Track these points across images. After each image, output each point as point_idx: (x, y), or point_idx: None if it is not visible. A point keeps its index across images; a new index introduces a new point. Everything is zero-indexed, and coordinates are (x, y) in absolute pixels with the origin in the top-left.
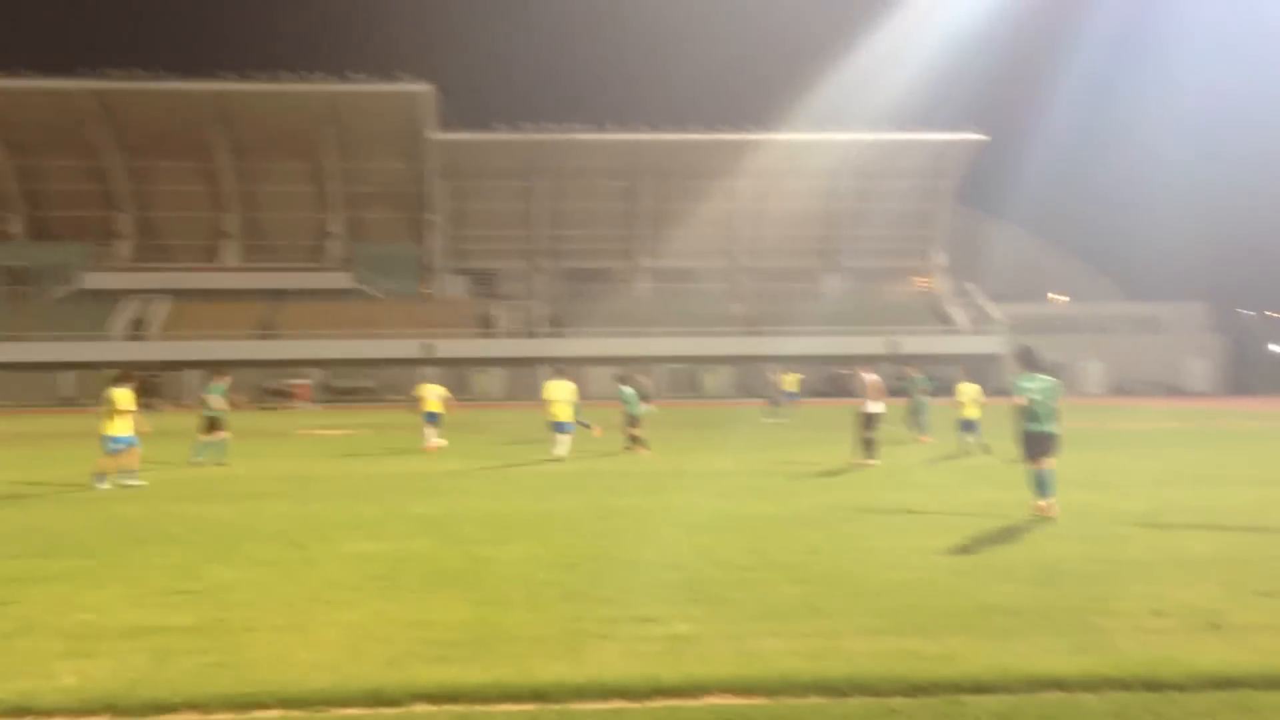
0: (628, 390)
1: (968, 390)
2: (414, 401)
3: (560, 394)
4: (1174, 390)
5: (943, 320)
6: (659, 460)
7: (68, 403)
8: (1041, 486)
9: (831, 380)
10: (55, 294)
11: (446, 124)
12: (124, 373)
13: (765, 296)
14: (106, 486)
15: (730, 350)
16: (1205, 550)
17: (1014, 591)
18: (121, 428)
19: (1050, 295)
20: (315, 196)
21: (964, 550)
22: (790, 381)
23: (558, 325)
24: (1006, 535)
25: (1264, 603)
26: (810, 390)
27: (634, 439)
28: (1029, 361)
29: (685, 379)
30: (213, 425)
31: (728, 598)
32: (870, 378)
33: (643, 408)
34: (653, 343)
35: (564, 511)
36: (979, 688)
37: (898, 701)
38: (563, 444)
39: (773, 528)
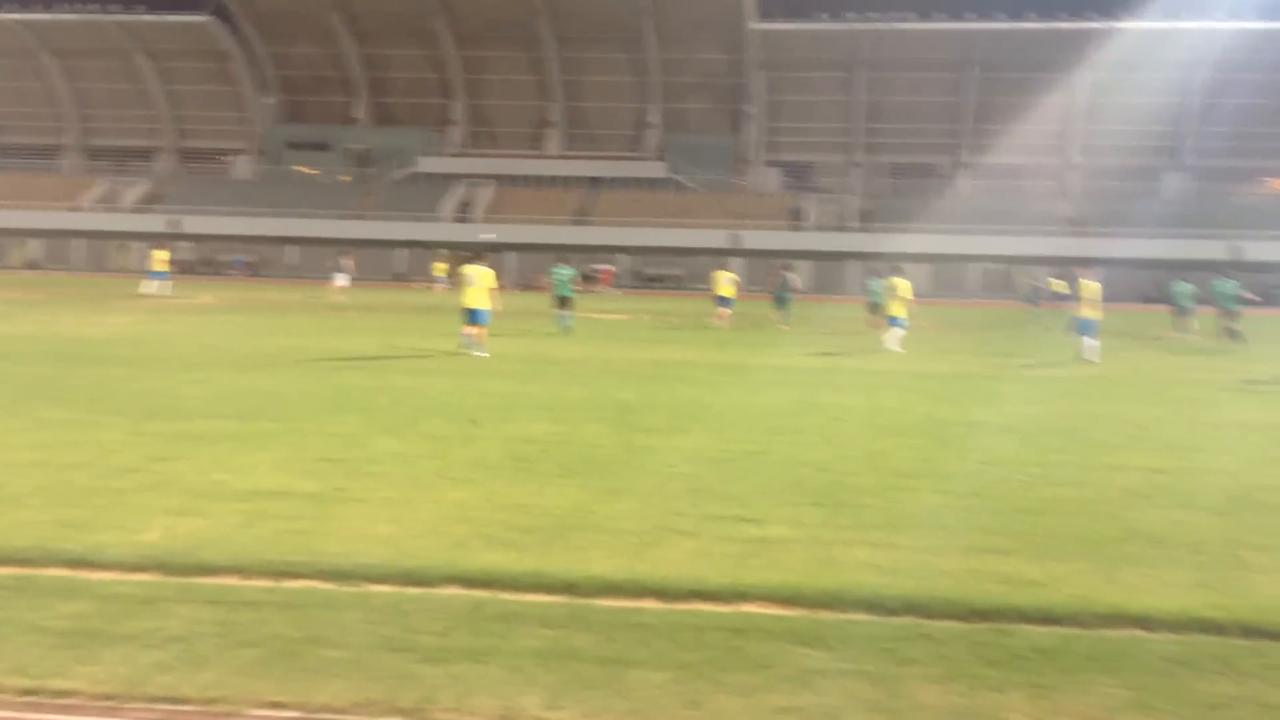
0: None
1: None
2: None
3: (901, 291)
4: None
5: None
6: (912, 360)
7: (400, 278)
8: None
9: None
10: (393, 176)
11: (767, 13)
12: (477, 253)
13: (1097, 196)
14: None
15: (1052, 251)
16: None
17: (1180, 519)
18: (472, 301)
19: None
20: (635, 86)
21: (1158, 471)
22: (1059, 284)
23: (870, 220)
24: (1223, 459)
25: None
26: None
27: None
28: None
29: (999, 279)
30: (563, 302)
31: (857, 503)
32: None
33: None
34: (969, 240)
35: (765, 405)
36: (1046, 618)
37: (941, 625)
38: (895, 339)
39: (969, 435)
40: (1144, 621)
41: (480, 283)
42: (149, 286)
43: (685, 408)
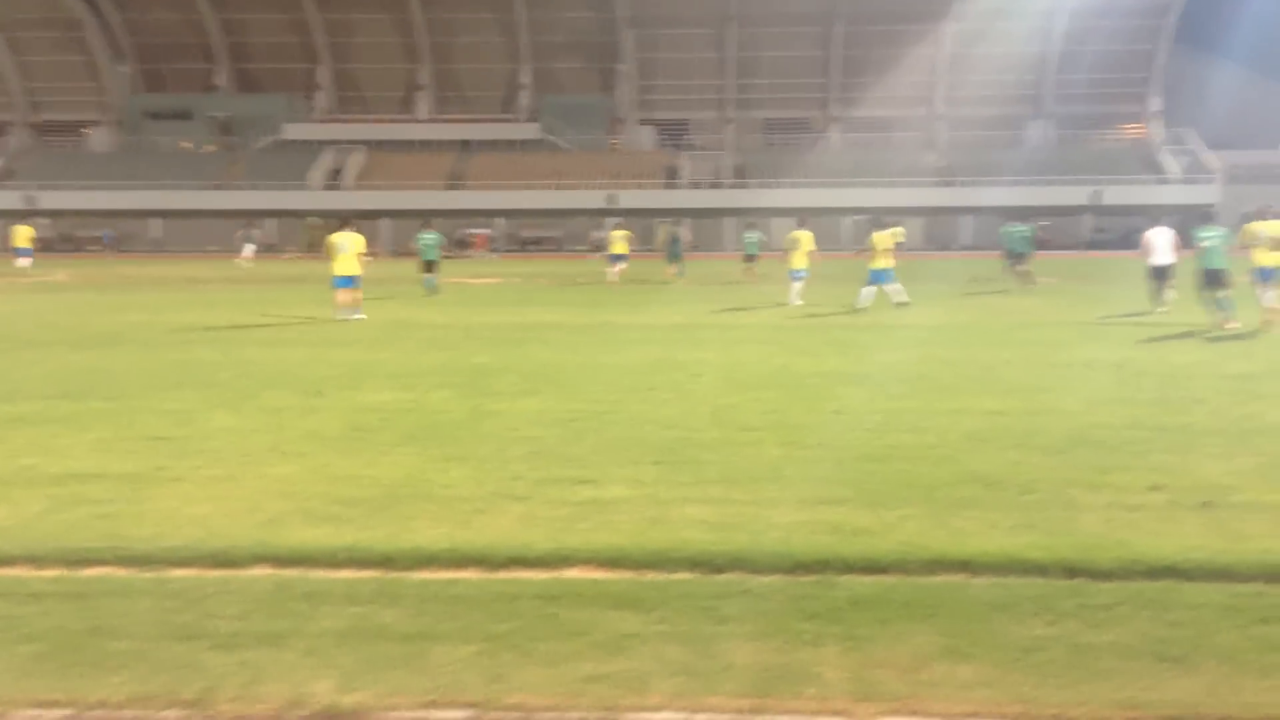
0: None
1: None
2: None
3: (805, 243)
4: None
5: (1154, 170)
6: (782, 314)
7: (271, 249)
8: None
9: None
10: (259, 144)
11: None
12: (345, 220)
13: (963, 146)
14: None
15: (923, 201)
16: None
17: (1015, 461)
18: (344, 268)
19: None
20: (505, 47)
21: (999, 413)
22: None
23: (744, 176)
24: (1064, 399)
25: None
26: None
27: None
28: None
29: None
30: (429, 266)
31: (697, 459)
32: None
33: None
34: (841, 193)
35: (623, 364)
36: (871, 567)
37: (764, 580)
38: (796, 291)
39: (825, 386)
40: (968, 566)
41: (351, 249)
42: (22, 263)
43: (541, 370)
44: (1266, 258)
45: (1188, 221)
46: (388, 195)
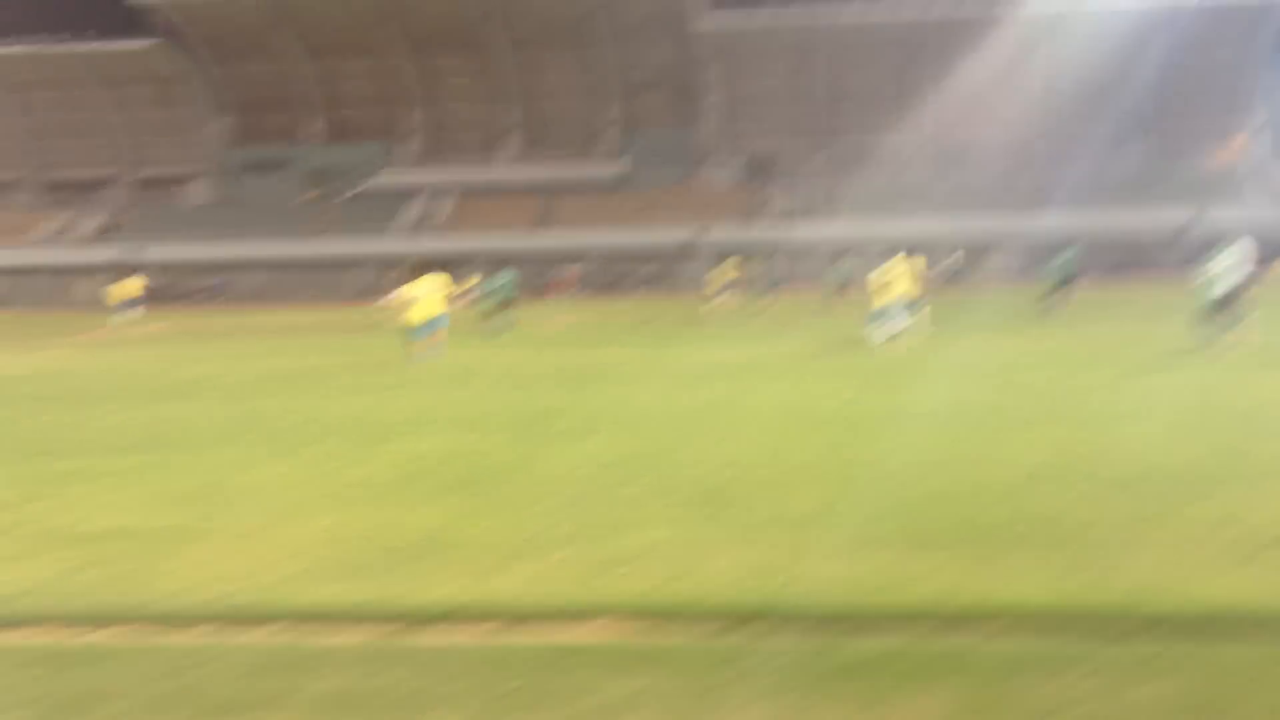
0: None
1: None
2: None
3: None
4: None
5: (1261, 189)
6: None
7: (362, 295)
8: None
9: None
10: (352, 192)
11: (717, 5)
12: (416, 267)
13: (1051, 169)
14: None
15: (1011, 228)
16: None
17: (1074, 501)
18: (421, 315)
19: None
20: (590, 87)
21: (1067, 452)
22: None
23: (833, 207)
24: (1142, 428)
25: None
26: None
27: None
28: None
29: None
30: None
31: (743, 502)
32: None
33: None
34: (934, 223)
35: (687, 403)
36: (903, 615)
37: (789, 633)
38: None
39: (886, 423)
40: (996, 616)
41: (435, 292)
42: (124, 316)
43: (605, 409)
44: None
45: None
46: (477, 238)
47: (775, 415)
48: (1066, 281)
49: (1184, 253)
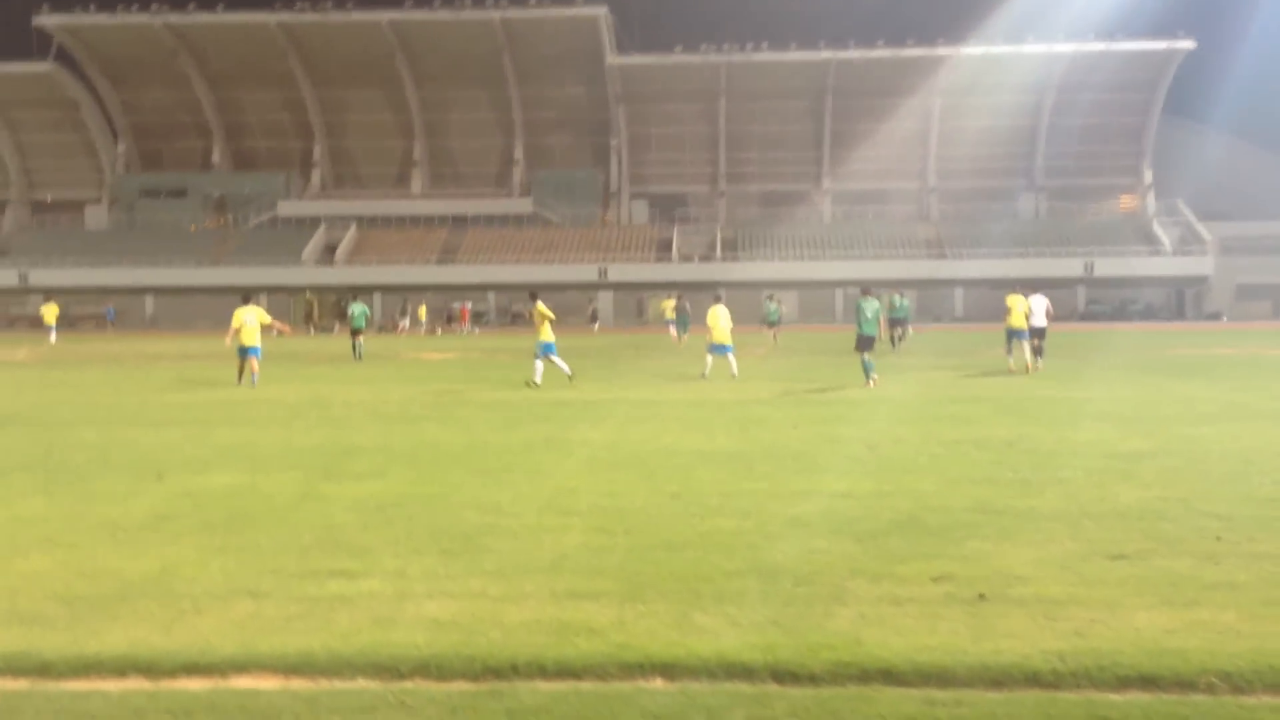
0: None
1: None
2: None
3: (721, 319)
4: None
5: (1147, 241)
6: (723, 389)
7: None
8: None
9: None
10: (253, 222)
11: (624, 47)
12: (245, 296)
13: (955, 218)
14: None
15: (915, 274)
16: (1129, 501)
17: (819, 549)
18: (249, 340)
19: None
20: (498, 123)
21: (846, 496)
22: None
23: (735, 249)
24: (926, 480)
25: (1096, 568)
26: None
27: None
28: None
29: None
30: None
31: (493, 548)
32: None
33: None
34: (832, 266)
35: (505, 443)
36: (564, 672)
37: (441, 687)
38: (720, 364)
39: (690, 466)
40: (669, 670)
41: (255, 322)
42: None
43: (414, 450)
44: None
45: (1180, 291)
46: (380, 270)
47: (579, 459)
48: (897, 323)
49: (1081, 304)
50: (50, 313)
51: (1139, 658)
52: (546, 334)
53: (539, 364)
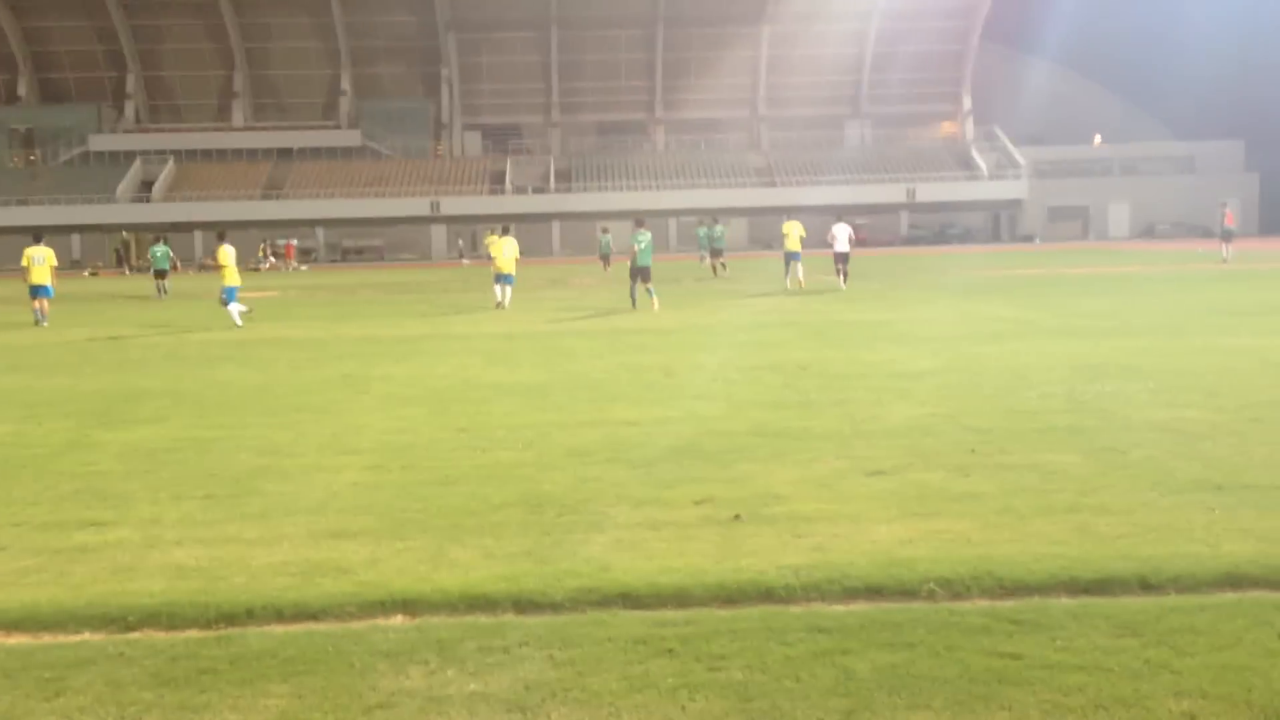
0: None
1: None
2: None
3: (505, 249)
4: (1207, 233)
5: (966, 167)
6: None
7: (76, 265)
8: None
9: None
10: (64, 156)
11: None
12: (36, 235)
13: (785, 146)
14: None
15: (747, 202)
16: (900, 419)
17: (592, 477)
18: (37, 279)
19: (1096, 139)
20: (324, 52)
21: (635, 424)
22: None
23: (569, 180)
24: (718, 405)
25: (853, 484)
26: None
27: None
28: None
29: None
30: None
31: (260, 491)
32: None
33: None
34: (667, 195)
35: (302, 382)
36: (302, 614)
37: (164, 637)
38: (505, 293)
39: (487, 399)
40: (411, 606)
41: (45, 262)
42: None
43: (203, 392)
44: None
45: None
46: (200, 207)
47: (378, 394)
48: (717, 253)
49: (904, 229)
50: None
51: (870, 569)
52: (230, 278)
53: (232, 309)
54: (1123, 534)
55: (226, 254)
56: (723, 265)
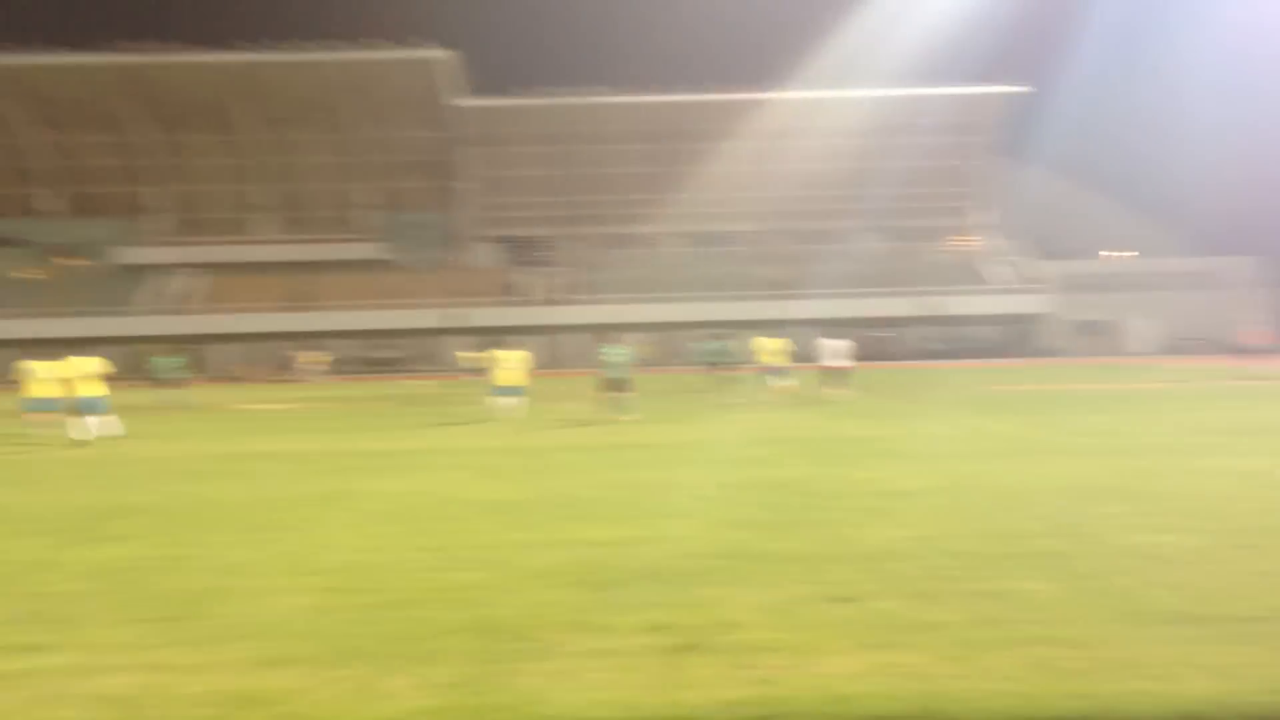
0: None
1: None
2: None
3: (512, 361)
4: (1230, 348)
5: (981, 279)
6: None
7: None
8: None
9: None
10: (92, 270)
11: (469, 90)
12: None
13: (797, 259)
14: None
15: (760, 314)
16: (877, 541)
17: (550, 601)
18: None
19: (1105, 252)
20: (345, 167)
21: (608, 544)
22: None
23: (587, 291)
24: (694, 524)
25: (812, 611)
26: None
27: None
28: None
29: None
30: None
31: (205, 614)
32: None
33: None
34: (681, 308)
35: (292, 497)
36: None
37: None
38: (510, 407)
39: (467, 516)
40: None
41: (47, 375)
42: None
43: (187, 509)
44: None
45: (1017, 328)
46: (227, 320)
47: (359, 511)
48: (718, 367)
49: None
50: None
51: (811, 707)
52: (93, 389)
53: (89, 421)
54: (1082, 669)
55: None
56: (726, 380)
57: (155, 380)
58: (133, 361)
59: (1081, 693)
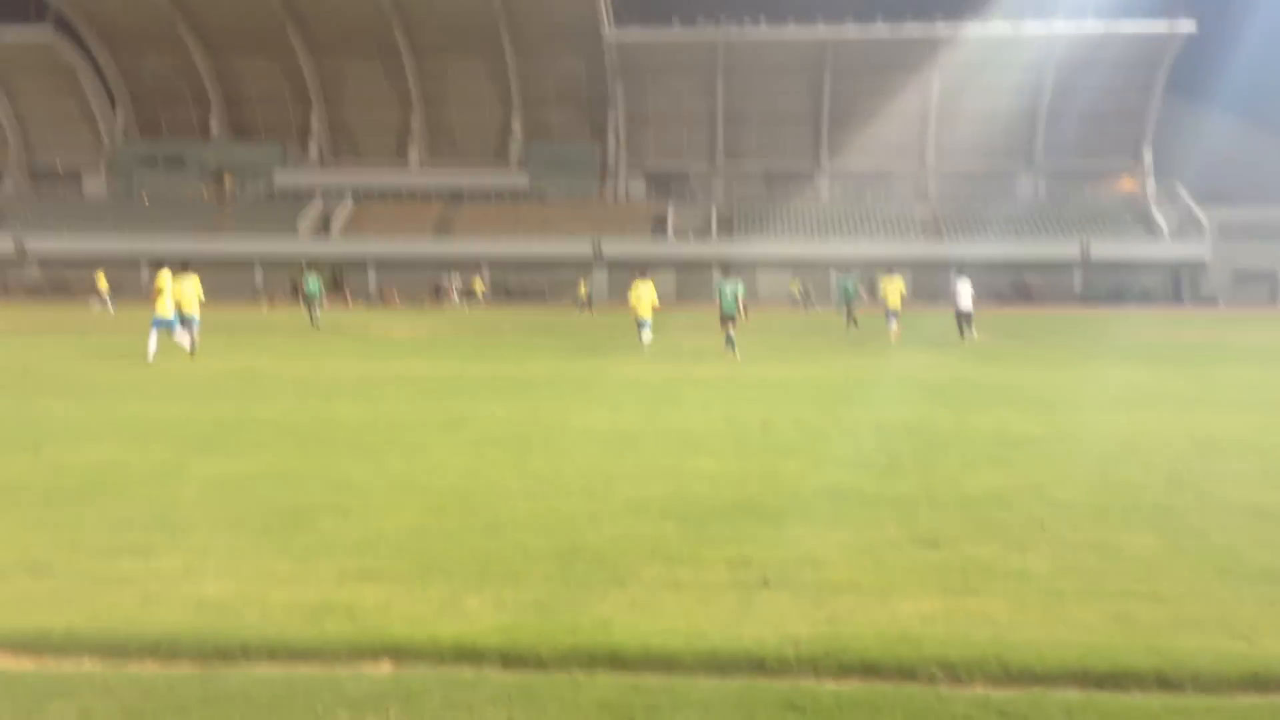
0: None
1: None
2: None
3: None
4: None
5: (1145, 224)
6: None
7: (255, 296)
8: (729, 343)
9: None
10: (250, 191)
11: (621, 21)
12: (184, 265)
13: (954, 199)
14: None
15: (912, 254)
16: (981, 487)
17: (642, 532)
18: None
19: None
20: (496, 96)
21: (714, 478)
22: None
23: (732, 227)
24: (803, 461)
25: (899, 554)
26: None
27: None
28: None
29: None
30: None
31: (316, 527)
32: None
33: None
34: (828, 245)
35: (410, 419)
36: (277, 654)
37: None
38: (647, 336)
39: (583, 445)
40: (400, 654)
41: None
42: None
43: (309, 425)
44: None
45: (1177, 275)
46: (374, 243)
47: (472, 434)
48: (848, 302)
49: (1077, 287)
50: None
51: (874, 646)
52: (161, 308)
53: (152, 337)
54: (1161, 624)
55: (161, 283)
56: (854, 321)
57: (305, 299)
58: (284, 283)
59: (1157, 647)
